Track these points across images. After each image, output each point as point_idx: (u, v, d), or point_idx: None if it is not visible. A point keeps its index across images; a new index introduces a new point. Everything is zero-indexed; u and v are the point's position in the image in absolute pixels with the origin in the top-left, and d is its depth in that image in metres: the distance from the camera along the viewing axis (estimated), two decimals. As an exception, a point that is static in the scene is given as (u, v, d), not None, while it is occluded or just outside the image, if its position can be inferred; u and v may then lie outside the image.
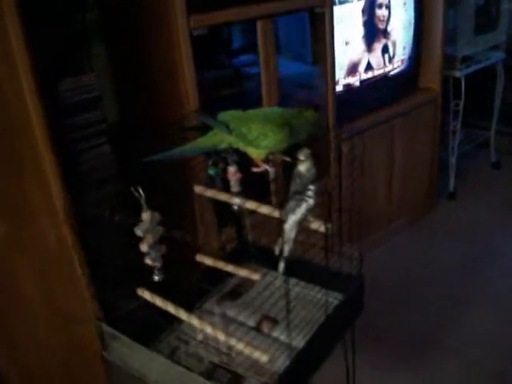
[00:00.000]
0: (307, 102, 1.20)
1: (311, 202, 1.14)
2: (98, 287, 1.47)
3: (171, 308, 1.22)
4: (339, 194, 1.48)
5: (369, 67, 2.59)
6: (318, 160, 1.14)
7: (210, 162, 1.25)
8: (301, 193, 1.11)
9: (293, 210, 1.16)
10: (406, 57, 2.78)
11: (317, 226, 1.17)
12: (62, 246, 1.42)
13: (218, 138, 1.18)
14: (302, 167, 1.13)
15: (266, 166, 1.18)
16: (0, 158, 1.34)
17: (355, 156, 1.19)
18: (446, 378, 2.09)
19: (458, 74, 3.03)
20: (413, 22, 2.73)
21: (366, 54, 2.54)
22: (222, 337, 1.16)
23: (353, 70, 2.51)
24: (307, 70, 2.39)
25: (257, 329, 1.36)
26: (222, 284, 1.55)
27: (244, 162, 1.24)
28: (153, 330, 1.31)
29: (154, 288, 1.28)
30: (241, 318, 1.40)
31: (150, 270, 1.26)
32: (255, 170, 1.21)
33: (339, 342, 1.43)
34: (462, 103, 3.09)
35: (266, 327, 1.35)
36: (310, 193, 1.10)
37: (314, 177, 1.14)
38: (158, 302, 1.24)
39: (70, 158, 1.71)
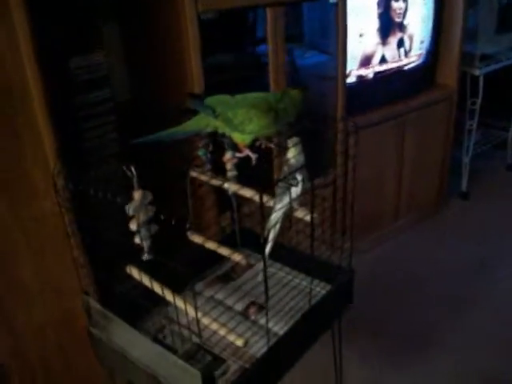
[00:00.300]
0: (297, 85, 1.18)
1: (298, 189, 1.13)
2: (91, 265, 1.49)
3: (156, 287, 1.23)
4: (344, 186, 1.47)
5: (383, 60, 2.55)
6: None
7: (200, 144, 1.25)
8: (288, 180, 1.11)
9: (280, 197, 1.17)
10: (423, 51, 2.73)
11: (302, 214, 1.16)
12: (58, 223, 1.44)
13: (205, 122, 1.19)
14: (290, 154, 1.13)
15: (248, 152, 1.18)
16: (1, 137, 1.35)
17: (350, 147, 1.18)
18: (440, 377, 2.07)
19: (476, 72, 2.97)
20: (432, 15, 2.67)
21: (380, 46, 2.50)
22: (193, 315, 1.15)
23: (366, 62, 2.48)
24: (326, 61, 2.37)
25: (244, 313, 1.37)
26: (216, 266, 1.57)
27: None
28: (140, 308, 1.32)
29: (145, 267, 1.29)
30: (228, 302, 1.40)
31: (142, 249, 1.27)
32: (238, 155, 1.22)
33: (325, 333, 1.43)
34: (478, 102, 3.03)
35: (251, 312, 1.36)
36: (295, 181, 1.10)
37: (302, 164, 1.13)
38: (145, 280, 1.25)
39: (73, 136, 1.73)
